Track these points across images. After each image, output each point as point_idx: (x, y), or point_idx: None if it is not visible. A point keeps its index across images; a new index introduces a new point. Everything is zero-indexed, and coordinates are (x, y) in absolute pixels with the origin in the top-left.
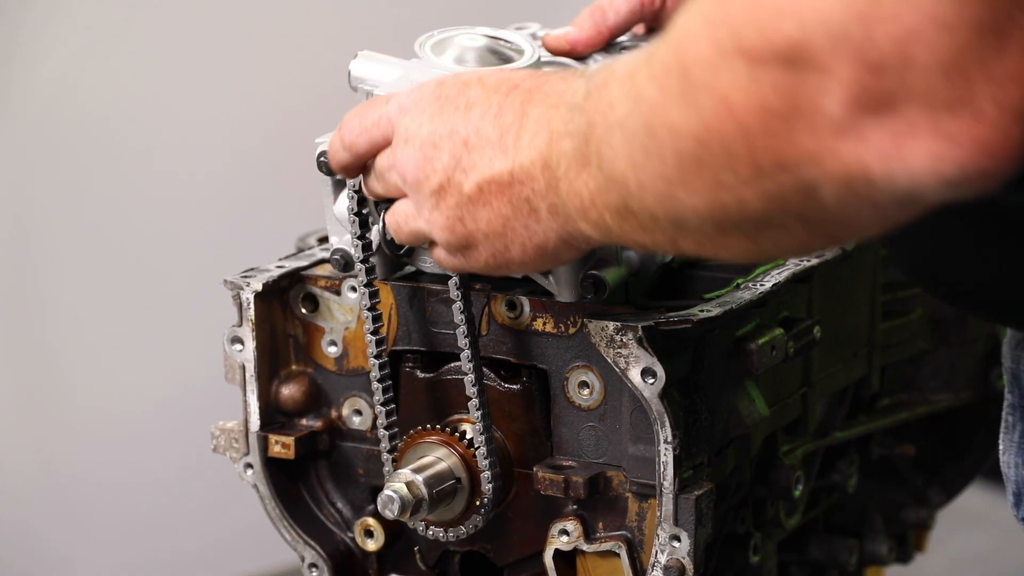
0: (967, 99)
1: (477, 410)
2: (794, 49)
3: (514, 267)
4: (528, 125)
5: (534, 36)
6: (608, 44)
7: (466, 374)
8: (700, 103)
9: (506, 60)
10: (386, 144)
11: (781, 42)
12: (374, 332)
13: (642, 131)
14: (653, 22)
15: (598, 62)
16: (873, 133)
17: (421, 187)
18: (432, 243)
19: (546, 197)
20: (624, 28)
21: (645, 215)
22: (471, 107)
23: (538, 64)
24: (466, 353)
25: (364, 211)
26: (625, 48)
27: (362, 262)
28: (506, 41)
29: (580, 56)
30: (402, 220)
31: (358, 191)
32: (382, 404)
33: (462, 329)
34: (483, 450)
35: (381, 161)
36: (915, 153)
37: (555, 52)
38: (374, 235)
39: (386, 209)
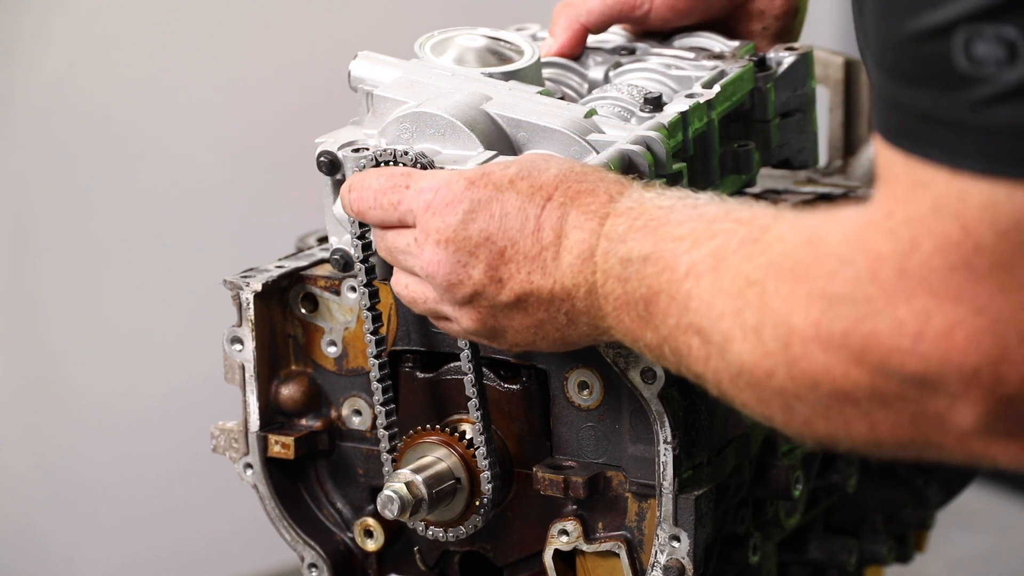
0: None
1: (477, 410)
2: (923, 379)
3: (535, 350)
4: (568, 247)
5: (534, 37)
6: (589, 47)
7: (466, 374)
8: (815, 388)
9: (506, 61)
10: (401, 227)
11: (908, 375)
12: (374, 332)
13: (736, 375)
14: (639, 24)
15: (599, 62)
16: (1003, 442)
17: (453, 291)
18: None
19: (588, 315)
20: (600, 28)
21: (726, 400)
22: (505, 216)
23: (537, 65)
24: (465, 353)
25: None
26: (620, 55)
27: (362, 262)
28: (506, 42)
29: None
30: (419, 299)
31: None
32: (382, 404)
33: None
34: (483, 450)
35: (397, 241)
36: None
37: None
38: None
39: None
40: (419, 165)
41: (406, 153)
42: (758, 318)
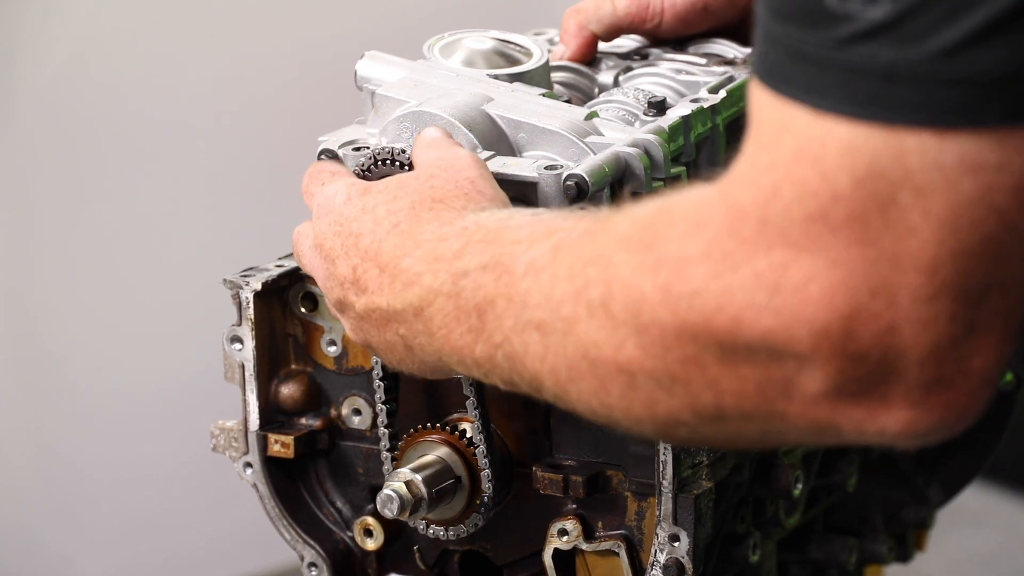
0: (939, 376)
1: (475, 408)
2: (772, 340)
3: (411, 373)
4: (400, 273)
5: (551, 41)
6: (600, 55)
7: (461, 374)
8: (665, 359)
9: (514, 63)
10: None
11: (759, 333)
12: None
13: (576, 356)
14: (649, 35)
15: (610, 66)
16: (849, 407)
17: (328, 294)
18: None
19: (417, 339)
20: (609, 37)
21: (562, 404)
22: (360, 236)
23: (545, 68)
24: None
25: None
26: (632, 60)
27: None
28: (515, 44)
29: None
30: (329, 305)
31: None
32: (383, 403)
33: None
34: (482, 448)
35: (301, 238)
36: (889, 421)
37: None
38: None
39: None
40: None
41: (404, 152)
42: (604, 291)
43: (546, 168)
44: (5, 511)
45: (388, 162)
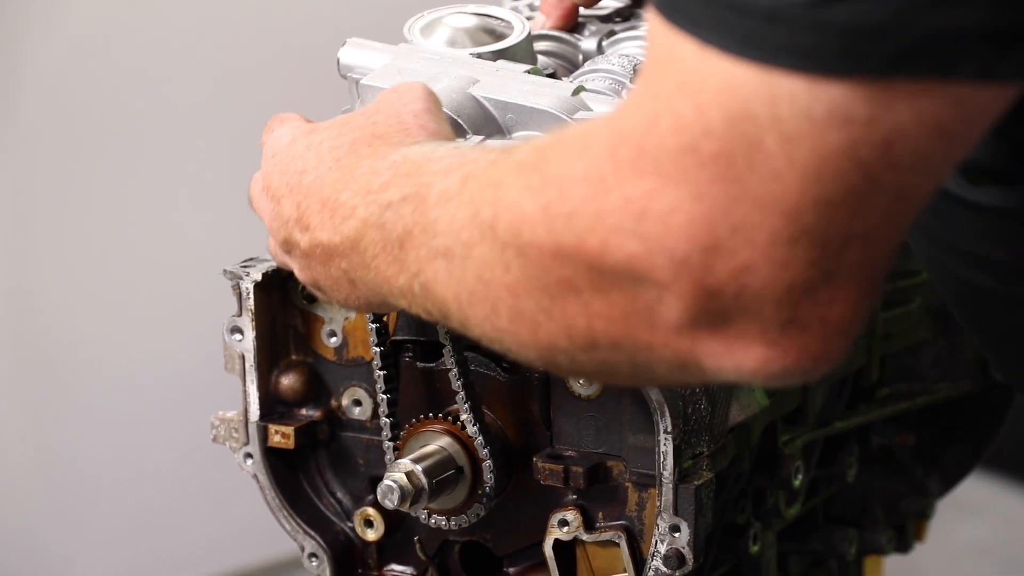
0: (795, 318)
1: (464, 402)
2: (635, 266)
3: (355, 308)
4: (339, 207)
5: (531, 7)
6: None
7: (450, 369)
8: (542, 279)
9: (497, 37)
10: None
11: (623, 257)
12: (375, 321)
13: (473, 279)
14: None
15: (593, 31)
16: (706, 339)
17: (275, 235)
18: None
19: (357, 272)
20: (590, 3)
21: (467, 332)
22: (304, 173)
23: (528, 41)
24: (447, 348)
25: None
26: (614, 22)
27: None
28: (496, 18)
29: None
30: (271, 250)
31: None
32: (384, 392)
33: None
34: (480, 440)
35: (252, 186)
36: (745, 357)
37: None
38: None
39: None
40: None
41: None
42: (492, 213)
43: None
44: (5, 511)
45: None
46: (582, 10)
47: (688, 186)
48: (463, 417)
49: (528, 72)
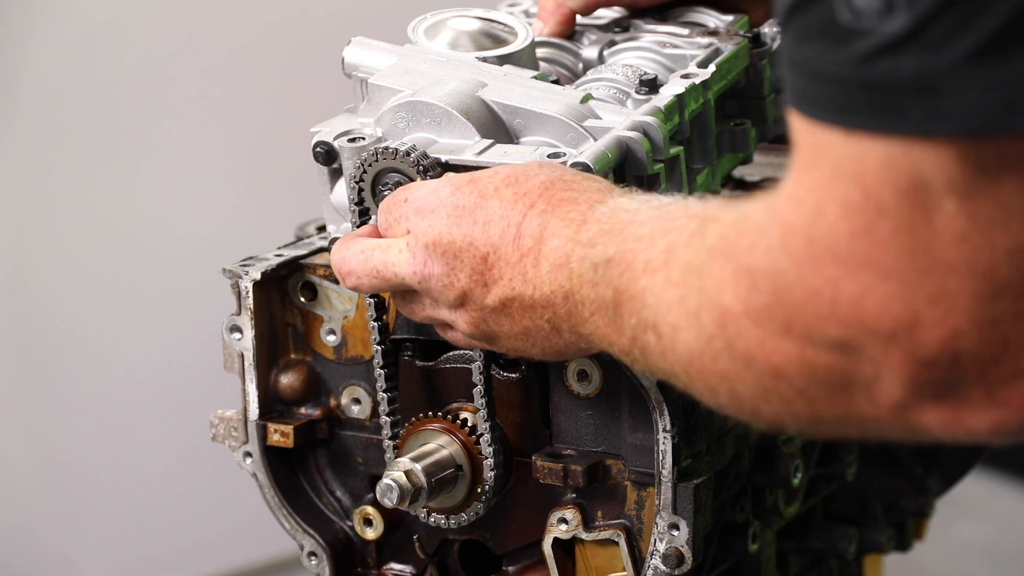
0: (1017, 372)
1: (482, 397)
2: (844, 345)
3: (533, 358)
4: (547, 254)
5: (527, 13)
6: (580, 28)
7: (474, 360)
8: (755, 371)
9: (500, 43)
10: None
11: (830, 342)
12: (377, 319)
13: (686, 363)
14: (628, 7)
15: (592, 40)
16: (933, 410)
17: (444, 292)
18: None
19: (569, 321)
20: (587, 11)
21: (686, 387)
22: (489, 223)
23: (531, 47)
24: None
25: (364, 201)
26: (613, 32)
27: None
28: (499, 23)
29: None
30: (418, 308)
31: (359, 181)
32: (384, 391)
33: None
34: (487, 437)
35: (389, 252)
36: (977, 422)
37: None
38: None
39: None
40: (421, 167)
41: (408, 154)
42: (697, 302)
43: (549, 156)
44: (5, 510)
45: (390, 157)
46: (579, 18)
47: (873, 268)
48: (476, 414)
49: (535, 78)
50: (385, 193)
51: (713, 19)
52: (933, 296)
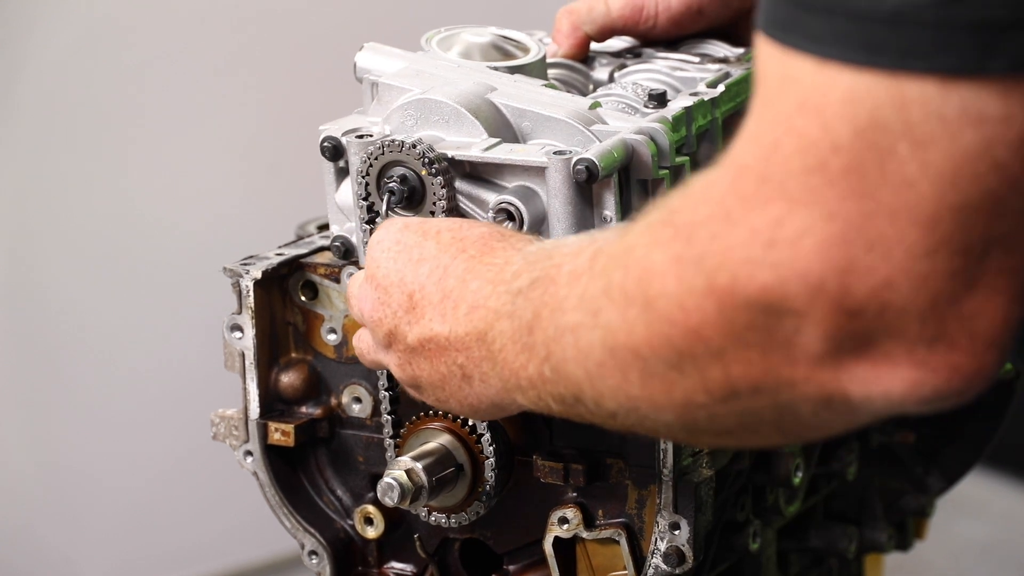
0: (941, 334)
1: None
2: (769, 297)
3: (455, 413)
4: (466, 295)
5: (542, 41)
6: (592, 54)
7: None
8: (670, 334)
9: (511, 57)
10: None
11: (756, 289)
12: None
13: (599, 348)
14: (642, 37)
15: (604, 64)
16: (851, 365)
17: (375, 329)
18: None
19: (480, 367)
20: (602, 38)
21: (601, 411)
22: (421, 262)
23: (542, 62)
24: None
25: (369, 196)
26: (625, 58)
27: None
28: (512, 39)
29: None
30: (365, 350)
31: (365, 176)
32: (385, 389)
33: None
34: (487, 436)
35: (350, 287)
36: (893, 381)
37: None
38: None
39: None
40: (426, 160)
41: (414, 146)
42: (623, 275)
43: (555, 153)
44: (5, 510)
45: (395, 148)
46: (593, 45)
47: (818, 206)
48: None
49: (545, 86)
50: (390, 186)
51: (724, 50)
52: (871, 242)
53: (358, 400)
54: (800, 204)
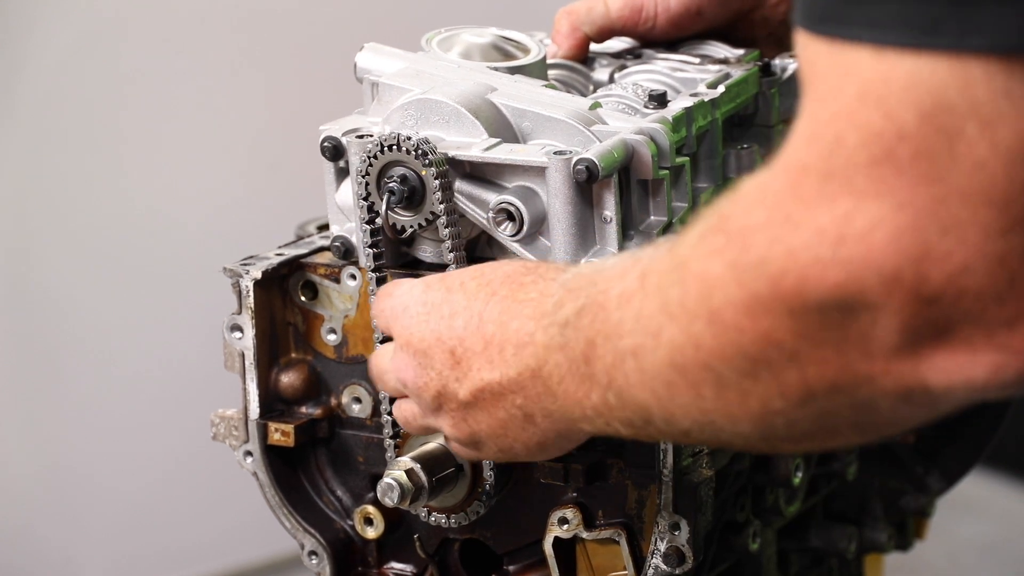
0: (1020, 315)
1: None
2: (843, 294)
3: (521, 459)
4: (509, 337)
5: (542, 42)
6: (592, 55)
7: None
8: (740, 342)
9: (511, 58)
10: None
11: (828, 289)
12: None
13: (666, 368)
14: (642, 38)
15: (604, 65)
16: (930, 355)
17: (421, 394)
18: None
19: (540, 403)
20: (602, 39)
21: (673, 430)
22: (454, 316)
23: (542, 63)
24: None
25: (370, 195)
26: (625, 59)
27: (370, 247)
28: (512, 40)
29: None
30: (410, 417)
31: (365, 175)
32: None
33: None
34: None
35: (382, 361)
36: (975, 367)
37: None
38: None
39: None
40: (421, 151)
41: (409, 138)
42: (681, 291)
43: (555, 153)
44: (5, 509)
45: (393, 148)
46: (593, 46)
47: (888, 197)
48: None
49: (545, 87)
50: (391, 186)
51: (724, 51)
52: (944, 227)
53: (358, 400)
54: (869, 197)
